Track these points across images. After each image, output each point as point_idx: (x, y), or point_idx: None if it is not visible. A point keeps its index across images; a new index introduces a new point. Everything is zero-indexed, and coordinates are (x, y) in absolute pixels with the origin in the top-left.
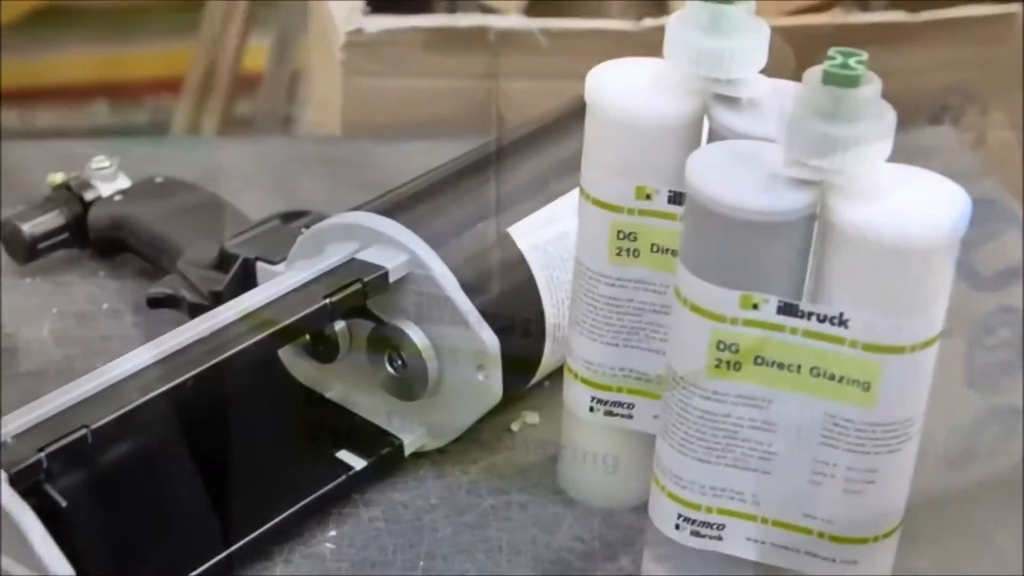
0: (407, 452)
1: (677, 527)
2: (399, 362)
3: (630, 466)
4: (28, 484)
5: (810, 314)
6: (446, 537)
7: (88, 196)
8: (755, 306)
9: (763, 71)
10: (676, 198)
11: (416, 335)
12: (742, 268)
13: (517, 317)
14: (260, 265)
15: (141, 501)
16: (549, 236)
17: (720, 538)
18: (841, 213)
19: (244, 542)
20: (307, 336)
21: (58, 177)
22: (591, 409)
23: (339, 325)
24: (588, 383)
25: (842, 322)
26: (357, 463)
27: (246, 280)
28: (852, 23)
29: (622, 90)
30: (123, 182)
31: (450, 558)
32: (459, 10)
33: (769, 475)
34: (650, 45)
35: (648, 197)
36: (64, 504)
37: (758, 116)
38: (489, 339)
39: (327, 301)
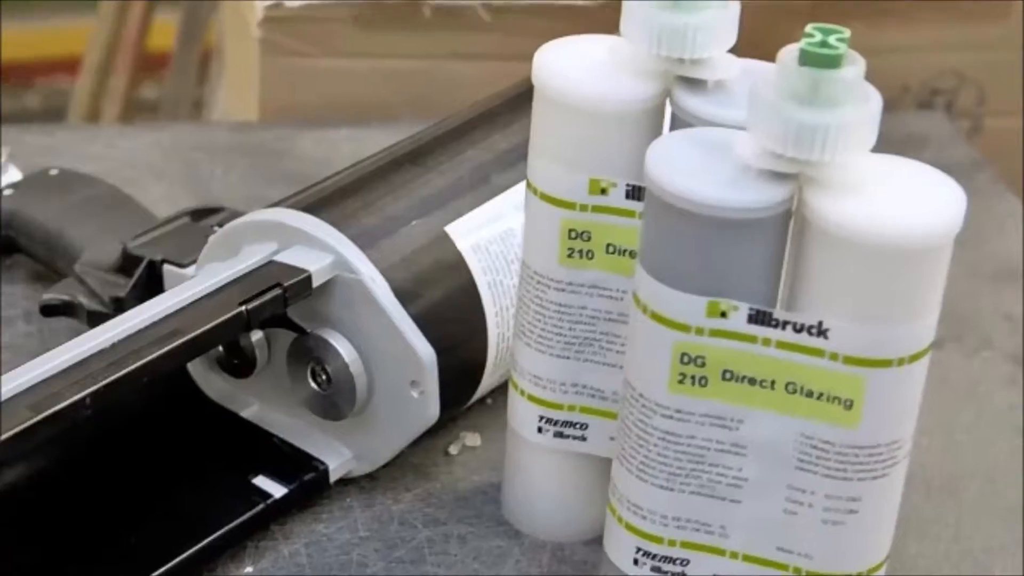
0: (332, 478)
1: (636, 562)
2: (323, 377)
3: (583, 494)
4: None
5: (785, 323)
6: (376, 574)
7: None
8: (723, 314)
9: (732, 50)
10: (634, 193)
11: (342, 347)
12: (709, 271)
13: (456, 326)
14: (167, 268)
15: (29, 534)
16: (492, 235)
17: (684, 575)
18: (820, 209)
19: None
20: (220, 348)
21: None
22: (539, 430)
23: (256, 336)
24: (536, 401)
25: (821, 332)
26: (276, 490)
27: (151, 285)
28: None
29: (574, 71)
30: (13, 175)
31: None
32: None
33: (739, 504)
34: (606, 22)
35: (603, 192)
36: None
37: (727, 100)
38: (424, 351)
39: (242, 308)
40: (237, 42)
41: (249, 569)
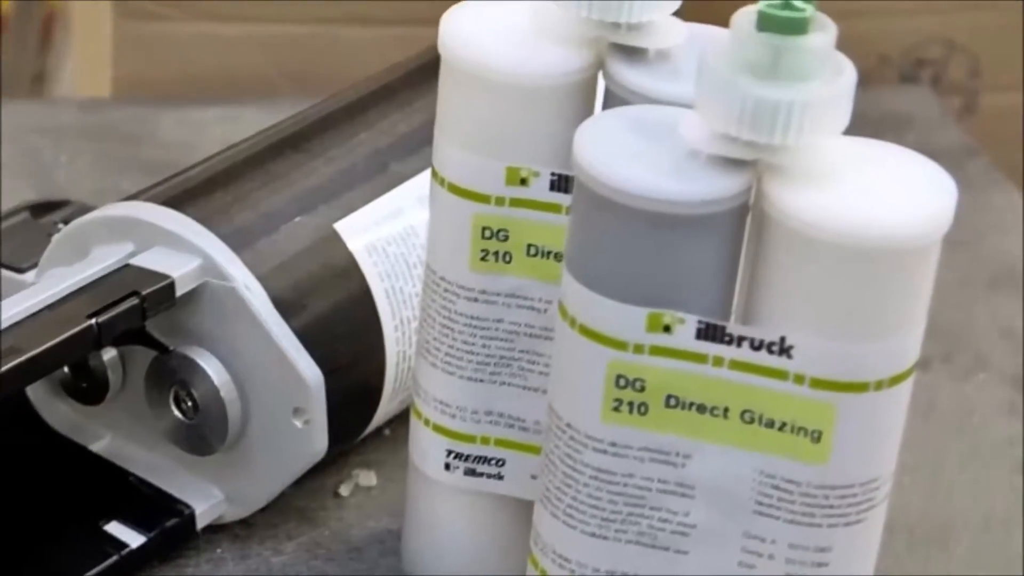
0: (200, 524)
1: None
2: (189, 404)
3: (499, 543)
4: None
5: (741, 339)
6: None
7: None
8: (667, 328)
9: (677, 13)
10: (560, 183)
11: (211, 367)
12: (650, 277)
13: (348, 343)
14: (3, 273)
15: None
16: (391, 234)
17: None
18: (783, 203)
19: None
20: (66, 369)
21: None
22: (447, 467)
23: (108, 354)
24: (443, 432)
25: (784, 350)
26: (133, 539)
27: None
28: None
29: (488, 38)
30: None
31: None
32: None
33: (686, 555)
34: None
35: (523, 182)
36: None
37: (670, 73)
38: (309, 373)
39: (92, 322)
40: (86, 5)
41: None
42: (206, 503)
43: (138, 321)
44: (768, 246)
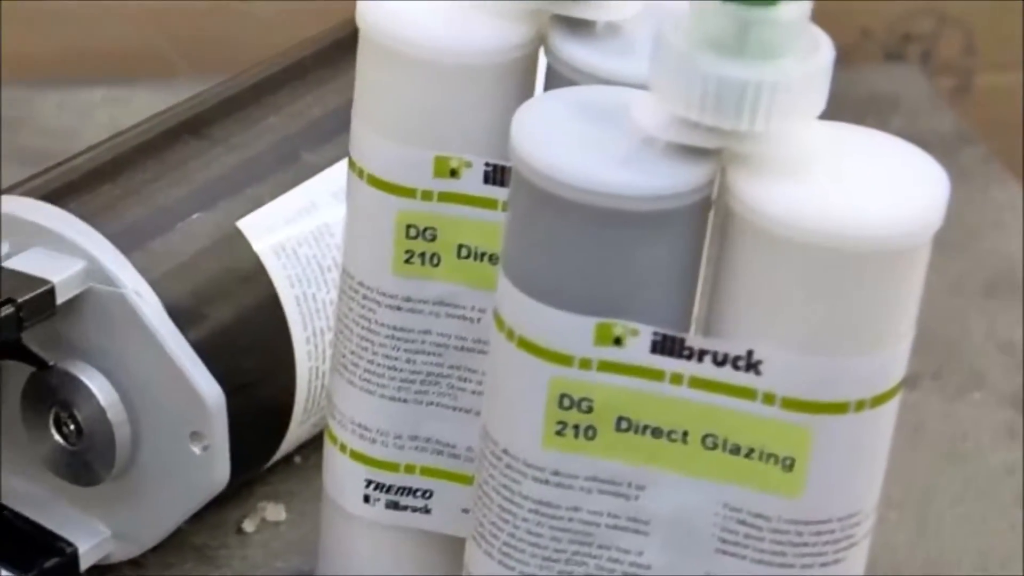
0: (84, 565)
1: None
2: (72, 427)
3: None
4: None
5: (703, 353)
6: None
7: None
8: (618, 341)
9: None
10: (496, 175)
11: (97, 385)
12: (598, 283)
13: (253, 358)
14: None
15: None
16: (302, 233)
17: None
18: (750, 197)
19: None
20: None
21: None
22: (366, 499)
23: None
24: (362, 459)
25: (752, 365)
26: None
27: None
28: None
29: (413, 10)
30: None
31: None
32: None
33: None
34: None
35: (453, 174)
36: None
37: (622, 49)
38: (209, 392)
39: None
40: None
41: None
42: (91, 540)
43: (13, 332)
44: (733, 247)
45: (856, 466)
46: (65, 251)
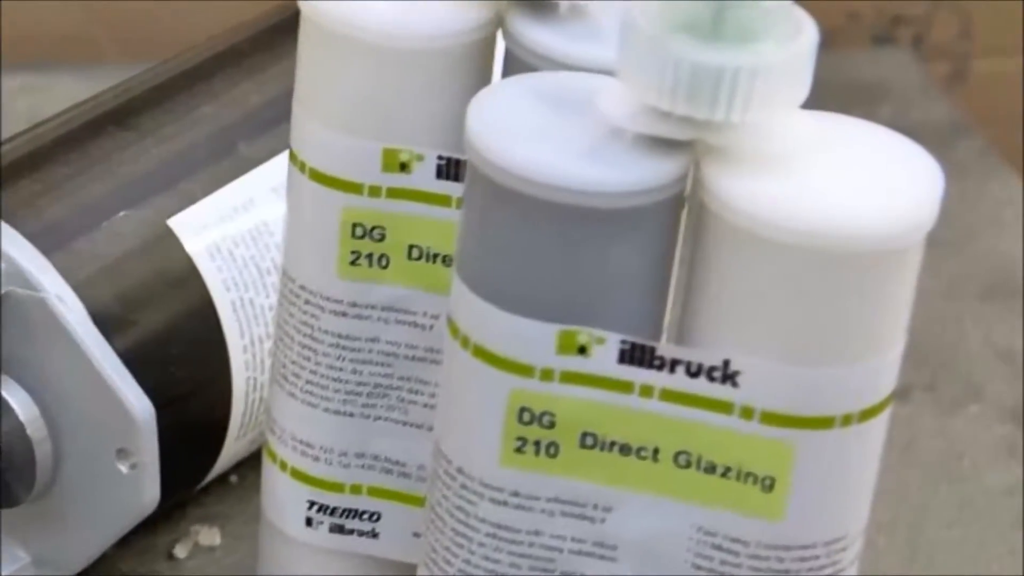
0: None
1: None
2: None
3: None
4: None
5: (675, 363)
6: None
7: None
8: (583, 350)
9: None
10: (450, 169)
11: (16, 399)
12: (561, 286)
13: (186, 368)
14: None
15: None
16: (238, 233)
17: None
18: (726, 193)
19: None
20: None
21: None
22: (309, 522)
23: None
24: (304, 479)
25: (728, 376)
26: None
27: None
28: None
29: None
30: None
31: None
32: None
33: None
34: None
35: (404, 168)
36: None
37: (587, 32)
38: (137, 405)
39: None
40: None
41: None
42: (10, 567)
43: None
44: (708, 247)
45: (842, 486)
46: None
